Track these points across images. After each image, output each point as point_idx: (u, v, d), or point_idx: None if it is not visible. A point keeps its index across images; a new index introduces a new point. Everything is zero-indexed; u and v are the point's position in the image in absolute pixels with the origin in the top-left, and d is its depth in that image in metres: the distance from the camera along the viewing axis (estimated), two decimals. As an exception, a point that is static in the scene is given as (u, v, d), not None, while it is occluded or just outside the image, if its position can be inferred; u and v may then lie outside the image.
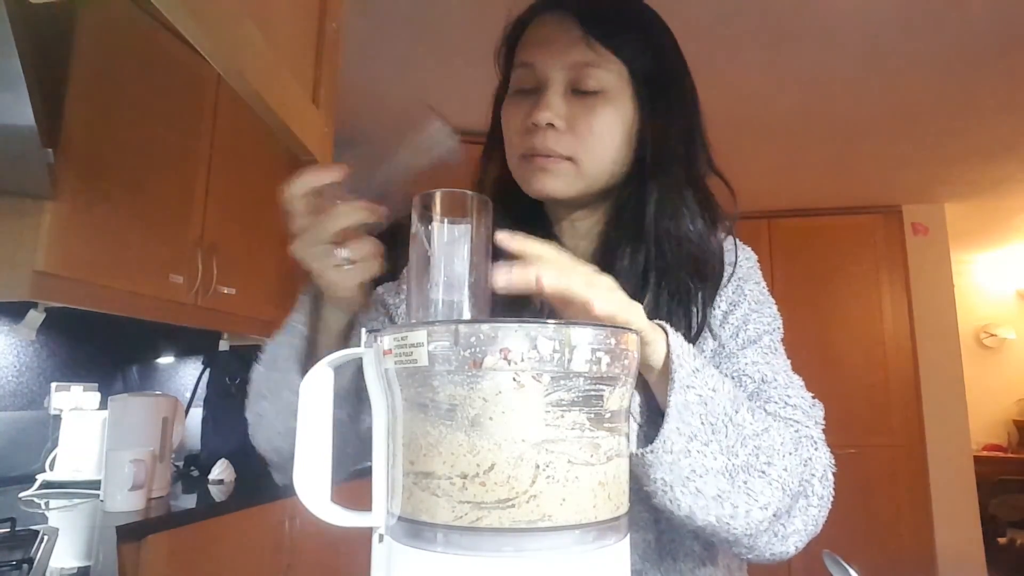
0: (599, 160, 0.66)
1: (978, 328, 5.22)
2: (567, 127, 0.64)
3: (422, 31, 2.02)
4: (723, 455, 0.52)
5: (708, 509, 0.52)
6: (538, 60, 0.66)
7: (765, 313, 0.68)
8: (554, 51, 0.65)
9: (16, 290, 1.47)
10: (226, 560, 1.75)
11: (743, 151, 2.98)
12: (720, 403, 0.52)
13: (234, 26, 0.52)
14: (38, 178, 1.39)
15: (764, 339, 0.66)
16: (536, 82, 0.66)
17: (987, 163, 3.22)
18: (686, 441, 0.51)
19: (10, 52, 0.88)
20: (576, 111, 0.64)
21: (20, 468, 1.82)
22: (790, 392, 0.63)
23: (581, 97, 0.65)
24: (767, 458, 0.54)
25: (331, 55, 0.82)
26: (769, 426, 0.56)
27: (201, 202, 1.98)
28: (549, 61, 0.65)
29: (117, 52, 1.66)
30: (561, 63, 0.65)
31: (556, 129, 0.64)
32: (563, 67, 0.65)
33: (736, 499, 0.52)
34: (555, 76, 0.65)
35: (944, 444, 3.55)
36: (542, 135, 0.64)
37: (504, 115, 0.70)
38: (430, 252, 0.44)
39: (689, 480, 0.51)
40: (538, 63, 0.66)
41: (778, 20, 2.05)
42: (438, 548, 0.35)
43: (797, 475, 0.56)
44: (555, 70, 0.65)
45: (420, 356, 0.36)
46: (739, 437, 0.53)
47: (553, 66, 0.65)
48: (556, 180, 0.65)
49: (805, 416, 0.62)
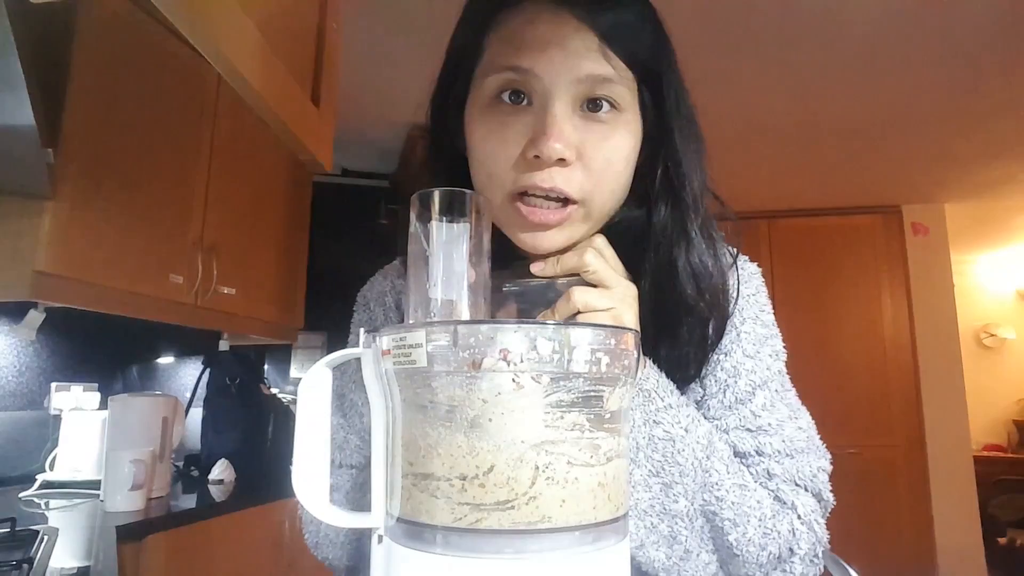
0: (611, 199, 0.55)
1: (978, 328, 5.21)
2: (577, 158, 0.52)
3: (422, 31, 2.02)
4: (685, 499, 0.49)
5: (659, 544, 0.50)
6: (540, 68, 0.51)
7: (763, 356, 0.59)
8: (562, 60, 0.51)
9: (16, 290, 1.47)
10: (226, 560, 1.75)
11: (743, 152, 2.98)
12: (690, 445, 0.50)
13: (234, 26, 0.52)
14: (38, 178, 1.39)
15: (757, 396, 0.57)
16: (530, 92, 0.52)
17: (987, 163, 3.21)
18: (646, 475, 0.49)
19: (10, 52, 0.88)
20: (587, 137, 0.52)
21: (20, 468, 1.82)
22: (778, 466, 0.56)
23: (591, 119, 0.52)
24: (733, 515, 0.51)
25: (331, 55, 0.82)
26: (747, 484, 0.52)
27: (201, 202, 1.98)
28: (555, 72, 0.51)
29: (117, 52, 1.66)
30: (571, 75, 0.51)
31: (567, 164, 0.51)
32: (573, 80, 0.51)
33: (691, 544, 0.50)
34: (563, 91, 0.51)
35: (944, 444, 3.55)
36: (547, 172, 0.51)
37: (481, 133, 0.54)
38: (428, 251, 0.43)
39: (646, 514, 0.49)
40: (541, 72, 0.51)
41: (778, 21, 2.05)
42: (437, 549, 0.35)
43: (763, 547, 0.51)
44: (563, 84, 0.51)
45: (419, 357, 0.36)
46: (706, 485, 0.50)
47: (561, 78, 0.51)
48: (557, 236, 0.53)
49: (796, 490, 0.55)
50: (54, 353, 1.99)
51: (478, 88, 0.55)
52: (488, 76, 0.54)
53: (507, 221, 0.55)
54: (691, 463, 0.50)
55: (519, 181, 0.52)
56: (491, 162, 0.53)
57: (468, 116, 0.57)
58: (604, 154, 0.52)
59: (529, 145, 0.51)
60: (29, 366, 1.92)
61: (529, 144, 0.51)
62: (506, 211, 0.54)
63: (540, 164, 0.51)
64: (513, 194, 0.53)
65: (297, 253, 2.58)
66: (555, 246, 0.54)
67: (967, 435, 3.58)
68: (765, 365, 0.59)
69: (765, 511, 0.52)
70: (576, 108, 0.52)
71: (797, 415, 0.59)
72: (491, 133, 0.53)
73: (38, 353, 1.95)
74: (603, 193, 0.54)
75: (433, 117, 0.63)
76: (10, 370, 1.87)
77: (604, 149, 0.53)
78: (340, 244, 2.86)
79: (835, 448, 0.60)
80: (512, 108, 0.53)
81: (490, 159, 0.53)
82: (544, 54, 0.51)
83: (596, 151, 0.52)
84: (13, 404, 1.86)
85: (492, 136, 0.53)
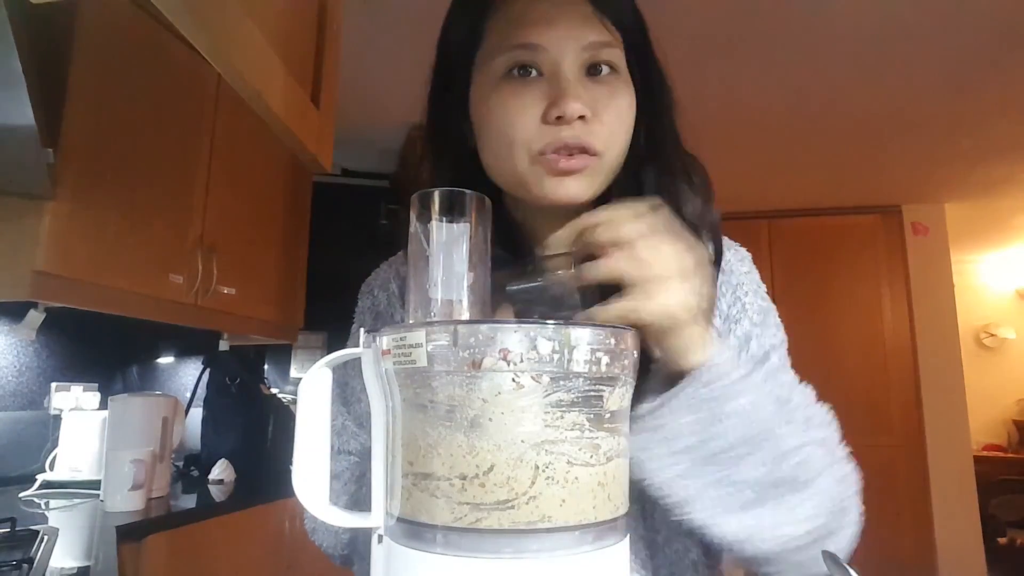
0: (620, 150, 0.59)
1: (978, 328, 5.22)
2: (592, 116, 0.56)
3: (423, 31, 2.02)
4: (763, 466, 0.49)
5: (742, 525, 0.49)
6: (547, 42, 0.56)
7: (769, 325, 0.63)
8: (566, 30, 0.56)
9: (16, 290, 1.47)
10: (226, 560, 1.75)
11: (743, 152, 2.98)
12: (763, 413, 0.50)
13: (234, 26, 0.52)
14: (38, 178, 1.39)
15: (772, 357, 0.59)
16: (539, 64, 0.57)
17: (987, 163, 3.22)
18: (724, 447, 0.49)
19: (10, 52, 0.88)
20: (596, 96, 0.57)
21: (20, 468, 1.82)
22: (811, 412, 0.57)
23: (596, 81, 0.57)
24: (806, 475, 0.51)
25: (331, 55, 0.82)
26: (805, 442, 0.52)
27: (201, 202, 1.98)
28: (562, 43, 0.56)
29: (117, 52, 1.66)
30: (576, 44, 0.56)
31: (586, 121, 0.56)
32: (578, 48, 0.56)
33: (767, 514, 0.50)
34: (570, 59, 0.56)
35: (944, 444, 3.55)
36: (571, 129, 0.55)
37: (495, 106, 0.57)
38: (428, 251, 0.43)
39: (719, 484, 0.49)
40: (549, 45, 0.56)
41: (777, 21, 2.05)
42: (437, 549, 0.35)
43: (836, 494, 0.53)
44: (570, 52, 0.56)
45: (419, 357, 0.36)
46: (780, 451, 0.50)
47: (568, 48, 0.56)
48: (581, 183, 0.57)
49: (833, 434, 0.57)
50: (54, 353, 1.99)
51: (484, 71, 0.58)
52: (496, 58, 0.57)
53: (532, 179, 0.57)
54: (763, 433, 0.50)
55: (545, 139, 0.55)
56: (511, 129, 0.56)
57: (476, 98, 0.60)
58: (614, 110, 0.57)
59: (550, 107, 0.55)
60: (29, 366, 1.92)
61: (550, 107, 0.55)
62: (531, 169, 0.57)
63: (562, 124, 0.55)
64: (540, 152, 0.56)
65: (297, 253, 2.58)
66: (580, 194, 0.57)
67: (967, 435, 3.58)
68: (771, 332, 0.62)
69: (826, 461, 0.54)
70: (581, 74, 0.57)
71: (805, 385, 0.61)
72: (506, 103, 0.56)
73: (38, 353, 1.95)
74: (616, 146, 0.58)
75: (431, 112, 0.64)
76: (10, 370, 1.87)
77: (613, 106, 0.57)
78: (340, 244, 2.86)
79: (834, 448, 0.60)
80: (523, 80, 0.57)
81: (510, 126, 0.56)
82: (549, 27, 0.56)
83: (607, 108, 0.57)
84: (13, 404, 1.87)
85: (508, 105, 0.56)
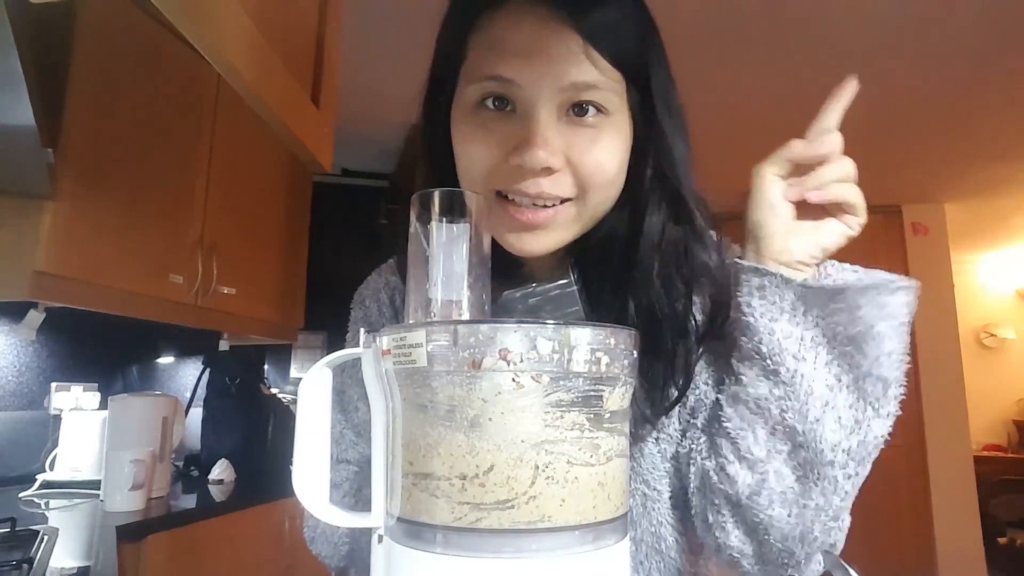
0: (604, 201, 0.54)
1: (978, 328, 5.22)
2: (564, 164, 0.50)
3: (422, 31, 2.02)
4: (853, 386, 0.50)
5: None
6: (522, 78, 0.49)
7: None
8: (545, 68, 0.49)
9: (16, 290, 1.47)
10: (226, 560, 1.75)
11: (743, 152, 2.97)
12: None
13: (234, 26, 0.52)
14: (38, 178, 1.39)
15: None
16: (514, 100, 0.51)
17: (987, 163, 3.22)
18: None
19: (10, 52, 0.88)
20: (574, 141, 0.50)
21: (20, 468, 1.82)
22: None
23: (578, 123, 0.51)
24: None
25: (331, 55, 0.82)
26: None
27: (201, 202, 1.98)
28: (538, 82, 0.49)
29: (117, 52, 1.66)
30: (554, 84, 0.49)
31: (552, 171, 0.50)
32: (555, 89, 0.49)
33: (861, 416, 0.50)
34: (546, 99, 0.49)
35: (944, 444, 3.55)
36: (533, 180, 0.50)
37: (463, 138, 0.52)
38: (428, 252, 0.43)
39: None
40: (523, 82, 0.49)
41: (776, 20, 2.05)
42: (437, 549, 0.35)
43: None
44: (546, 92, 0.49)
45: (419, 357, 0.36)
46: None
47: (544, 88, 0.49)
48: (546, 238, 0.52)
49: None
50: (54, 353, 1.99)
51: (461, 93, 0.53)
52: (471, 84, 0.52)
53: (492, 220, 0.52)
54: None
55: (504, 182, 0.51)
56: (472, 168, 0.52)
57: (452, 119, 0.55)
58: (594, 158, 0.51)
59: (513, 153, 0.50)
60: (29, 366, 1.92)
61: (513, 152, 0.50)
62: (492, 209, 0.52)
63: (524, 173, 0.50)
64: (494, 194, 0.52)
65: (297, 253, 2.58)
66: (544, 249, 0.53)
67: (967, 435, 3.59)
68: None
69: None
70: (562, 114, 0.51)
71: None
72: (473, 138, 0.52)
73: (38, 353, 1.95)
74: (595, 195, 0.52)
75: (424, 115, 0.61)
76: (10, 370, 1.87)
77: (593, 153, 0.51)
78: (340, 244, 2.86)
79: (835, 448, 0.60)
80: (496, 114, 0.51)
81: (469, 162, 0.52)
82: (527, 62, 0.49)
83: (585, 155, 0.51)
84: (13, 404, 1.87)
85: (475, 141, 0.52)
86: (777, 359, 0.50)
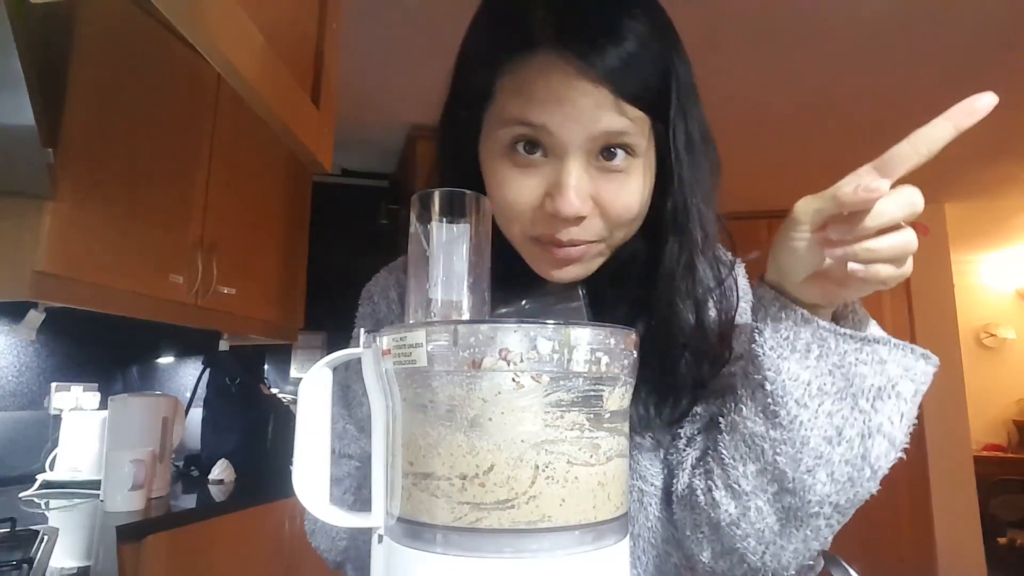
0: (628, 233, 0.56)
1: (978, 328, 5.22)
2: (593, 208, 0.53)
3: (422, 31, 2.02)
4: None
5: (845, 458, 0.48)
6: (554, 125, 0.50)
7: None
8: (576, 117, 0.50)
9: (16, 290, 1.47)
10: (226, 560, 1.75)
11: (743, 151, 2.98)
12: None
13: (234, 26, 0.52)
14: (38, 178, 1.39)
15: None
16: (545, 147, 0.52)
17: (987, 163, 3.21)
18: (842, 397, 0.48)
19: (10, 52, 0.88)
20: (604, 187, 0.52)
21: (20, 468, 1.82)
22: None
23: (607, 168, 0.52)
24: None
25: (331, 55, 0.82)
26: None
27: (201, 202, 1.98)
28: (570, 130, 0.50)
29: (117, 52, 1.66)
30: (586, 132, 0.50)
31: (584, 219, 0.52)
32: (587, 138, 0.50)
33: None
34: (576, 146, 0.51)
35: (944, 444, 3.55)
36: (565, 228, 0.52)
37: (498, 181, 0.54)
38: (428, 252, 0.43)
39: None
40: (555, 129, 0.50)
41: (776, 20, 2.05)
42: (437, 549, 0.35)
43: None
44: (577, 140, 0.50)
45: (419, 356, 0.36)
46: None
47: (575, 136, 0.50)
48: (580, 268, 0.56)
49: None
50: (54, 353, 1.99)
51: (492, 134, 0.54)
52: (501, 128, 0.53)
53: (528, 255, 0.57)
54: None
55: (539, 229, 0.54)
56: (509, 209, 0.54)
57: (483, 155, 0.56)
58: (622, 201, 0.53)
59: (548, 200, 0.52)
60: (29, 366, 1.92)
61: (547, 199, 0.52)
62: (527, 246, 0.56)
63: (557, 223, 0.52)
64: (533, 237, 0.55)
65: (297, 253, 2.58)
66: (576, 278, 0.56)
67: (967, 435, 3.59)
68: None
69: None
70: (592, 160, 0.52)
71: None
72: (508, 181, 0.53)
73: (38, 353, 1.95)
74: (621, 232, 0.55)
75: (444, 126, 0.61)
76: (10, 370, 1.87)
77: (621, 196, 0.53)
78: (340, 244, 2.86)
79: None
80: (527, 159, 0.53)
81: (509, 206, 0.54)
82: (558, 110, 0.50)
83: (614, 199, 0.53)
84: (13, 404, 1.87)
85: (510, 185, 0.53)
86: (780, 400, 0.49)
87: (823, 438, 0.48)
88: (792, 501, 0.50)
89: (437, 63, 0.62)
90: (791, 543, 0.51)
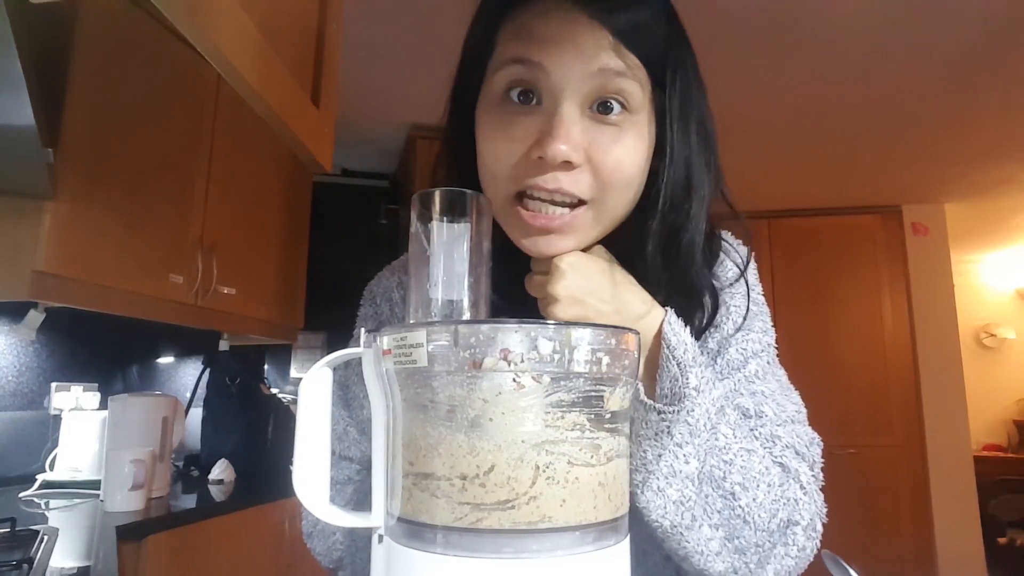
0: (622, 203, 0.53)
1: (978, 328, 5.22)
2: (585, 160, 0.50)
3: (422, 31, 2.02)
4: (696, 459, 0.48)
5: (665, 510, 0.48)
6: (550, 62, 0.49)
7: (754, 329, 0.59)
8: (574, 54, 0.49)
9: (16, 290, 1.47)
10: (226, 560, 1.75)
11: (743, 151, 2.98)
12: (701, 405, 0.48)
13: (233, 26, 0.52)
14: (38, 178, 1.39)
15: (750, 364, 0.57)
16: (540, 90, 0.51)
17: (987, 163, 3.21)
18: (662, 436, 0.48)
19: (10, 52, 0.88)
20: (596, 139, 0.50)
21: (20, 468, 1.82)
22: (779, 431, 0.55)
23: (601, 121, 0.51)
24: (741, 479, 0.49)
25: (331, 55, 0.82)
26: (754, 450, 0.51)
27: (201, 202, 1.98)
28: (566, 67, 0.49)
29: (117, 52, 1.66)
30: (582, 72, 0.49)
31: (572, 167, 0.50)
32: (584, 77, 0.49)
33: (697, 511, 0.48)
34: (572, 89, 0.49)
35: (944, 444, 3.55)
36: (552, 174, 0.49)
37: (487, 131, 0.53)
38: (429, 251, 0.43)
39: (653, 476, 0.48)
40: (551, 67, 0.49)
41: (778, 21, 2.05)
42: (438, 549, 0.35)
43: (773, 514, 0.50)
44: (573, 80, 0.49)
45: (419, 357, 0.36)
46: (714, 448, 0.49)
47: (571, 75, 0.49)
48: (564, 241, 0.52)
49: (796, 458, 0.54)
50: (54, 353, 1.99)
51: (488, 84, 0.53)
52: (498, 71, 0.52)
53: (508, 225, 0.53)
54: (702, 423, 0.48)
55: (522, 180, 0.51)
56: (494, 161, 0.52)
57: (477, 113, 0.55)
58: (614, 157, 0.51)
59: (534, 146, 0.50)
60: (29, 366, 1.92)
61: (535, 145, 0.50)
62: (507, 214, 0.52)
63: (544, 166, 0.49)
64: (513, 196, 0.52)
65: (297, 253, 2.58)
66: (562, 251, 0.52)
67: (967, 435, 3.58)
68: (755, 338, 0.58)
69: (773, 478, 0.51)
70: (585, 109, 0.51)
71: (788, 392, 0.59)
72: (497, 131, 0.52)
73: (38, 353, 1.95)
74: (614, 197, 0.52)
75: (450, 115, 0.60)
76: (10, 370, 1.87)
77: (614, 152, 0.50)
78: (340, 244, 2.86)
79: (834, 448, 0.60)
80: (520, 108, 0.51)
81: (493, 158, 0.52)
82: (555, 48, 0.49)
83: (606, 154, 0.50)
84: (13, 404, 1.86)
85: (498, 134, 0.52)
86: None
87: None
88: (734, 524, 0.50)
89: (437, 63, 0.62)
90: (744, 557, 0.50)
